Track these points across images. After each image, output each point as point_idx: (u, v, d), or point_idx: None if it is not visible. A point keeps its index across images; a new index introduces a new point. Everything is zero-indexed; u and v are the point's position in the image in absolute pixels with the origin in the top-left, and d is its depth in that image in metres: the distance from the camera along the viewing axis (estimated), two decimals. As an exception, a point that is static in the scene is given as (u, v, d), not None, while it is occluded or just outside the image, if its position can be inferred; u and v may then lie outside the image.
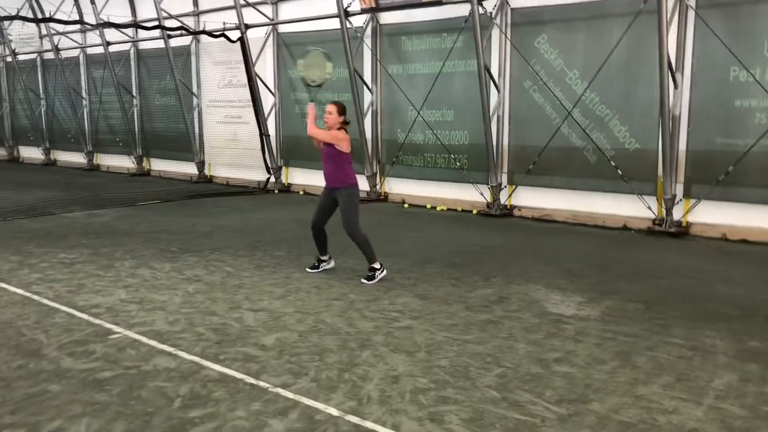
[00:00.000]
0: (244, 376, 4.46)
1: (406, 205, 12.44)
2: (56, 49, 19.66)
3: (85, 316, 5.76)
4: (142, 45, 17.57)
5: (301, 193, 14.21)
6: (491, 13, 10.98)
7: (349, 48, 12.38)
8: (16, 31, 20.84)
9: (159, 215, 11.29)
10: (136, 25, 13.91)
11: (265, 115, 14.60)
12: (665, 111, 9.24)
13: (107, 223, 10.45)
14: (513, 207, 11.36)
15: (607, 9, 9.95)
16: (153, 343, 5.12)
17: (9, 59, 22.09)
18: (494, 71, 11.19)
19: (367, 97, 12.99)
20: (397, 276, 7.15)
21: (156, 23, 14.41)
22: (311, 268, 7.40)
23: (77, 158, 20.41)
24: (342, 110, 7.00)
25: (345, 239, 7.15)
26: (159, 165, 18.00)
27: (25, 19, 13.37)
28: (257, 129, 14.50)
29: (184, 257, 8.08)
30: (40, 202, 12.70)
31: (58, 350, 4.96)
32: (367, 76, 12.92)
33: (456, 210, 11.86)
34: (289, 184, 14.75)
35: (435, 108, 12.05)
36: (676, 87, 9.34)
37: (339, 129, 6.98)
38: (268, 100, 14.72)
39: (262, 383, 4.35)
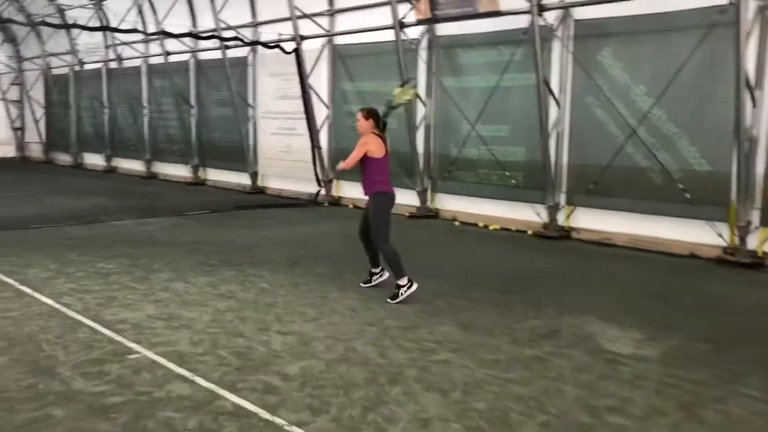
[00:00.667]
0: (260, 409, 4.09)
1: (457, 223, 11.96)
2: (119, 59, 20.04)
3: (108, 333, 5.52)
4: (202, 55, 17.69)
5: (351, 206, 13.89)
6: (552, 24, 10.45)
7: (402, 60, 12.03)
8: (84, 40, 21.39)
9: (206, 226, 11.15)
10: (192, 35, 13.95)
11: (318, 128, 14.38)
12: (742, 131, 8.50)
13: (152, 233, 10.35)
14: (570, 229, 10.74)
15: (677, 21, 9.28)
16: (171, 365, 4.81)
17: (77, 68, 22.68)
18: (554, 86, 10.63)
19: (420, 111, 12.59)
20: (439, 301, 6.69)
21: (212, 33, 14.42)
22: (364, 282, 7.08)
23: (136, 166, 20.71)
24: (369, 114, 6.68)
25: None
26: (214, 175, 18.03)
27: (84, 27, 13.55)
28: (309, 141, 14.27)
29: (222, 271, 7.82)
30: (93, 209, 12.78)
31: (72, 369, 4.71)
32: (422, 89, 12.52)
33: (509, 230, 11.30)
34: (340, 197, 14.46)
35: (490, 123, 11.55)
36: (754, 105, 8.59)
37: (371, 134, 6.65)
38: (321, 113, 14.51)
39: (277, 420, 3.97)
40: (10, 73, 26.17)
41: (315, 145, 14.19)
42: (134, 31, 14.10)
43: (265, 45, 13.92)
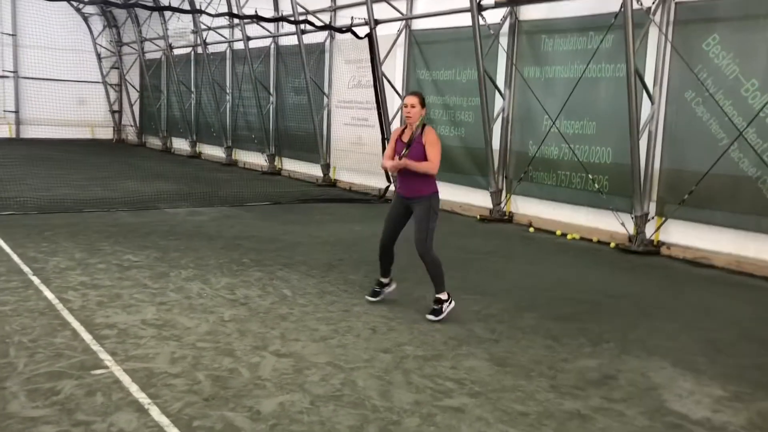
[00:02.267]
0: (201, 462, 3.29)
1: (531, 229, 10.77)
2: (204, 44, 19.96)
3: (88, 339, 4.90)
4: (282, 42, 17.24)
5: (421, 205, 12.93)
6: (649, 7, 9.07)
7: (480, 46, 10.93)
8: (173, 25, 21.53)
9: (259, 219, 10.56)
10: (257, 17, 13.38)
11: (390, 119, 13.52)
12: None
13: (200, 224, 9.85)
14: (660, 243, 9.34)
15: (804, 2, 7.73)
16: (133, 388, 4.10)
17: (168, 53, 22.91)
18: (648, 78, 9.26)
19: (498, 103, 11.46)
20: (478, 325, 5.67)
21: (288, 18, 13.84)
22: (372, 295, 6.19)
23: (218, 152, 20.62)
24: (424, 101, 5.70)
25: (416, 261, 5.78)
26: (289, 165, 17.57)
27: (172, 9, 13.29)
28: (380, 133, 13.44)
29: (249, 272, 7.13)
30: (155, 194, 12.51)
31: (22, 384, 4.09)
32: (500, 80, 11.40)
33: (590, 240, 10.01)
34: (410, 195, 13.53)
35: (574, 118, 10.29)
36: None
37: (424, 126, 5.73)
38: (394, 103, 13.62)
39: (216, 479, 3.15)
40: (110, 57, 26.92)
41: (386, 137, 13.33)
42: (200, 12, 13.70)
43: (337, 29, 13.20)
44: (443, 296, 5.71)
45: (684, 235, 9.10)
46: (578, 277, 7.73)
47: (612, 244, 9.66)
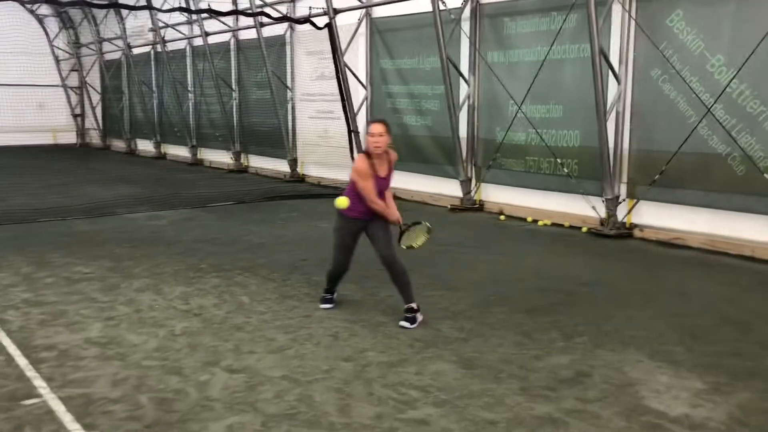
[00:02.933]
0: (134, 503, 2.96)
1: (502, 217, 10.52)
2: (163, 41, 19.41)
3: (23, 364, 4.54)
4: (241, 36, 16.77)
5: (390, 197, 12.63)
6: (612, -16, 8.83)
7: (442, 32, 10.62)
8: (130, 24, 20.92)
9: (221, 220, 10.18)
10: (210, 10, 12.94)
11: (355, 111, 13.17)
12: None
13: (159, 228, 9.45)
14: (633, 226, 9.14)
15: (767, -27, 7.53)
16: (67, 419, 3.76)
17: (127, 53, 22.27)
18: (614, 58, 9.02)
19: (463, 90, 11.18)
20: (446, 324, 5.39)
21: (245, 11, 13.41)
22: (325, 301, 5.87)
23: (184, 152, 20.11)
24: (389, 128, 5.43)
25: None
26: (256, 162, 17.15)
27: (126, 7, 12.73)
28: (346, 125, 13.09)
29: (206, 278, 6.77)
30: (114, 199, 12.05)
31: (-57, 421, 3.72)
32: (464, 66, 11.10)
33: (562, 226, 9.79)
34: (378, 187, 13.21)
35: (540, 102, 10.03)
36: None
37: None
38: (359, 94, 13.28)
39: None
40: (69, 59, 26.16)
41: (351, 129, 12.99)
42: (153, 8, 13.21)
43: (295, 20, 12.81)
44: (413, 305, 5.39)
45: (656, 217, 8.92)
46: (550, 265, 7.48)
47: (584, 229, 9.45)
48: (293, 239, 8.77)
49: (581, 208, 9.62)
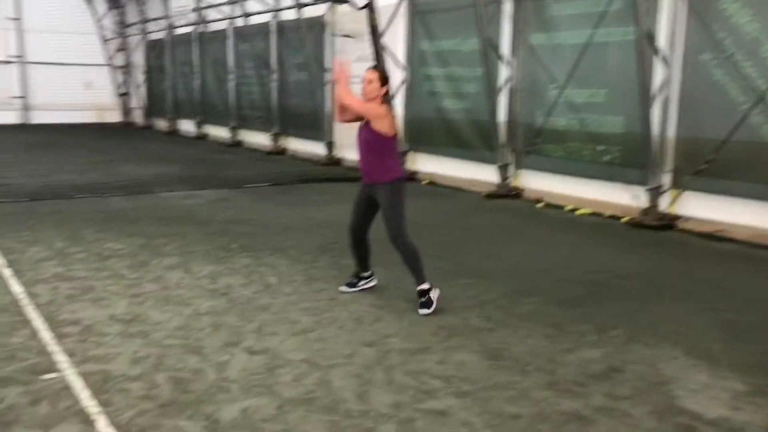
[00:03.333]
0: (141, 484, 2.92)
1: (540, 205, 10.26)
2: (204, 22, 19.47)
3: (46, 338, 4.55)
4: (283, 16, 16.69)
5: (426, 182, 12.48)
6: (662, -37, 8.45)
7: (482, 13, 10.35)
8: (175, 4, 21.05)
9: (256, 201, 10.17)
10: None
11: (392, 94, 12.97)
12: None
13: (193, 207, 9.48)
14: (676, 217, 8.80)
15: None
16: (83, 395, 3.74)
17: (170, 33, 22.45)
18: (661, 41, 8.65)
19: (503, 73, 10.90)
20: (473, 313, 5.23)
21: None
22: (347, 285, 5.73)
23: (224, 133, 20.21)
24: (385, 79, 5.20)
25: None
26: (293, 144, 17.13)
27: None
28: (383, 108, 12.90)
29: (236, 258, 6.74)
30: (153, 178, 12.16)
31: (-37, 392, 3.74)
32: (505, 48, 10.82)
33: (601, 215, 9.49)
34: (414, 172, 13.05)
35: (583, 86, 9.71)
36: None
37: (381, 103, 5.21)
38: (397, 77, 13.07)
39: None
40: (115, 39, 26.53)
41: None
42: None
43: (334, 0, 12.62)
44: (425, 286, 5.19)
45: (701, 208, 8.55)
46: (586, 255, 7.24)
47: (624, 219, 9.14)
48: (324, 222, 8.69)
49: (622, 198, 9.31)
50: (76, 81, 25.39)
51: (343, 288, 5.69)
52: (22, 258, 6.56)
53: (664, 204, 8.87)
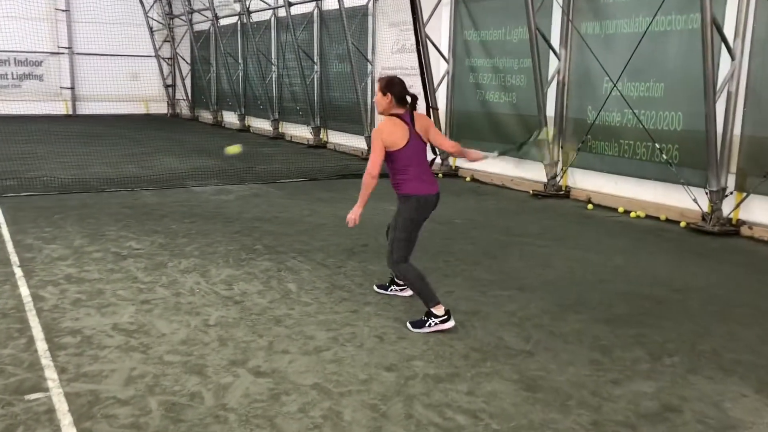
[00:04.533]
0: None
1: (590, 206, 9.58)
2: (248, 12, 19.21)
3: (42, 350, 4.20)
4: (325, 6, 16.29)
5: (468, 179, 11.91)
6: (731, -56, 7.68)
7: (531, 1, 9.69)
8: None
9: (288, 197, 9.77)
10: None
11: (435, 86, 12.43)
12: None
13: (224, 203, 9.14)
14: (740, 223, 8.05)
15: None
16: (66, 420, 3.36)
17: (213, 24, 22.30)
18: (728, 29, 7.89)
19: (552, 64, 10.23)
20: (511, 332, 4.69)
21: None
22: (379, 285, 5.43)
23: (266, 125, 19.96)
24: (387, 86, 4.69)
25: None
26: (334, 137, 16.73)
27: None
28: (424, 101, 12.37)
29: (257, 261, 6.33)
30: (189, 171, 11.90)
31: (-62, 413, 3.40)
32: (555, 38, 10.14)
33: (657, 219, 8.78)
34: (457, 168, 12.50)
35: (639, 79, 8.99)
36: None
37: (390, 115, 4.71)
38: (440, 68, 12.53)
39: None
40: (162, 30, 26.58)
41: (430, 105, 12.27)
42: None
43: (376, -11, 12.11)
44: (436, 310, 4.62)
45: (769, 213, 7.79)
46: (640, 265, 6.59)
47: (683, 224, 8.41)
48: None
49: (681, 200, 8.58)
50: (123, 72, 25.55)
51: (376, 288, 5.43)
52: (37, 257, 6.28)
53: (727, 208, 8.11)
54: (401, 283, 5.24)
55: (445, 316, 4.61)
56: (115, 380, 3.81)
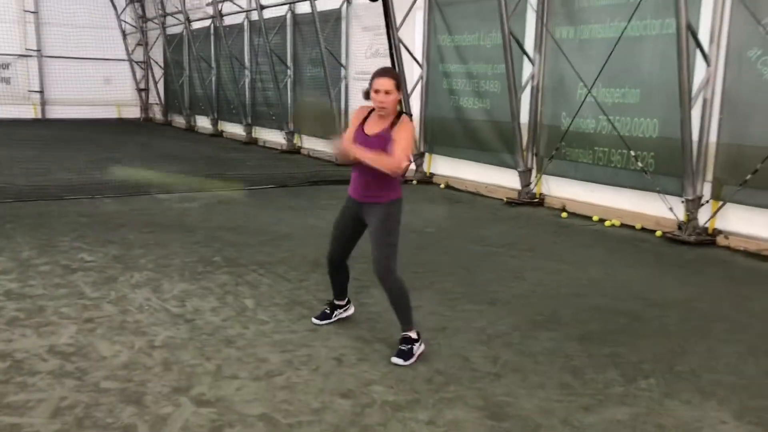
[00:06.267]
0: None
1: (564, 215, 9.37)
2: (220, 15, 18.84)
3: (-36, 377, 3.83)
4: (299, 9, 15.98)
5: (443, 186, 11.65)
6: (706, -53, 7.52)
7: (505, 5, 9.48)
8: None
9: (256, 205, 9.44)
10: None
11: (408, 91, 12.17)
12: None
13: (186, 212, 8.78)
14: (717, 232, 7.87)
15: None
16: (-22, 461, 3.01)
17: (187, 28, 21.89)
18: (703, 35, 7.72)
19: (527, 70, 10.02)
20: (478, 351, 4.41)
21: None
22: (319, 317, 4.88)
23: (239, 130, 19.58)
24: (400, 84, 4.29)
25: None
26: (309, 143, 16.40)
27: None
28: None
29: (215, 274, 5.99)
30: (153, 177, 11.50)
31: None
32: (529, 43, 9.93)
33: (633, 228, 8.58)
34: (431, 174, 12.24)
35: (614, 85, 8.80)
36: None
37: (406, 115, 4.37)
38: (413, 73, 12.27)
39: None
40: (134, 34, 26.09)
41: (404, 111, 11.98)
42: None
43: (347, -9, 11.84)
44: (412, 334, 4.31)
45: (746, 223, 7.62)
46: (615, 277, 6.36)
47: (658, 233, 8.22)
48: (326, 230, 7.78)
49: (656, 209, 8.40)
50: (95, 76, 25.02)
51: (315, 320, 4.86)
52: (-21, 270, 5.89)
53: (703, 217, 7.94)
54: (342, 303, 4.89)
55: (419, 338, 4.32)
56: (42, 412, 3.47)
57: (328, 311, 4.87)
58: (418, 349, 4.27)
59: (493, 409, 3.63)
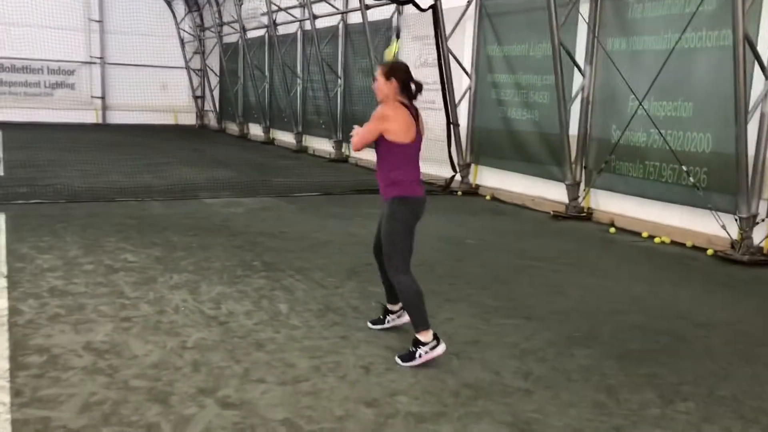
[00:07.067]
0: None
1: (612, 230, 9.12)
2: (274, 25, 19.14)
3: (2, 369, 3.94)
4: (350, 19, 16.11)
5: (488, 198, 11.52)
6: (766, -43, 7.25)
7: (555, 15, 9.32)
8: (247, 6, 20.88)
9: (299, 212, 9.51)
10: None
11: (456, 101, 12.10)
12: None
13: (230, 216, 8.90)
14: (772, 252, 7.55)
15: None
16: (4, 452, 3.08)
17: (241, 36, 22.33)
18: (762, 47, 7.44)
19: (577, 81, 9.83)
20: (510, 365, 4.30)
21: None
22: (373, 322, 4.89)
23: (290, 138, 19.82)
24: (392, 71, 4.34)
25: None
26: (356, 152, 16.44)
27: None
28: (445, 117, 12.05)
29: (252, 278, 6.04)
30: (204, 182, 11.74)
31: None
32: (580, 54, 9.76)
33: (683, 245, 8.29)
34: (477, 186, 12.12)
35: (666, 98, 8.55)
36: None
37: (396, 101, 4.36)
38: (462, 83, 12.20)
39: None
40: (192, 42, 26.76)
41: (451, 121, 11.94)
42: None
43: (398, 1, 11.86)
44: (423, 338, 4.22)
45: (804, 244, 7.28)
46: (660, 295, 6.14)
47: (710, 251, 7.92)
48: (366, 239, 7.83)
49: (708, 226, 8.10)
50: (153, 82, 25.74)
51: (370, 324, 4.89)
52: (27, 267, 6.09)
53: (758, 236, 7.61)
54: (395, 309, 4.86)
55: (434, 342, 4.25)
56: (71, 407, 3.53)
57: (382, 317, 4.88)
58: (427, 354, 4.20)
59: (521, 425, 3.53)
